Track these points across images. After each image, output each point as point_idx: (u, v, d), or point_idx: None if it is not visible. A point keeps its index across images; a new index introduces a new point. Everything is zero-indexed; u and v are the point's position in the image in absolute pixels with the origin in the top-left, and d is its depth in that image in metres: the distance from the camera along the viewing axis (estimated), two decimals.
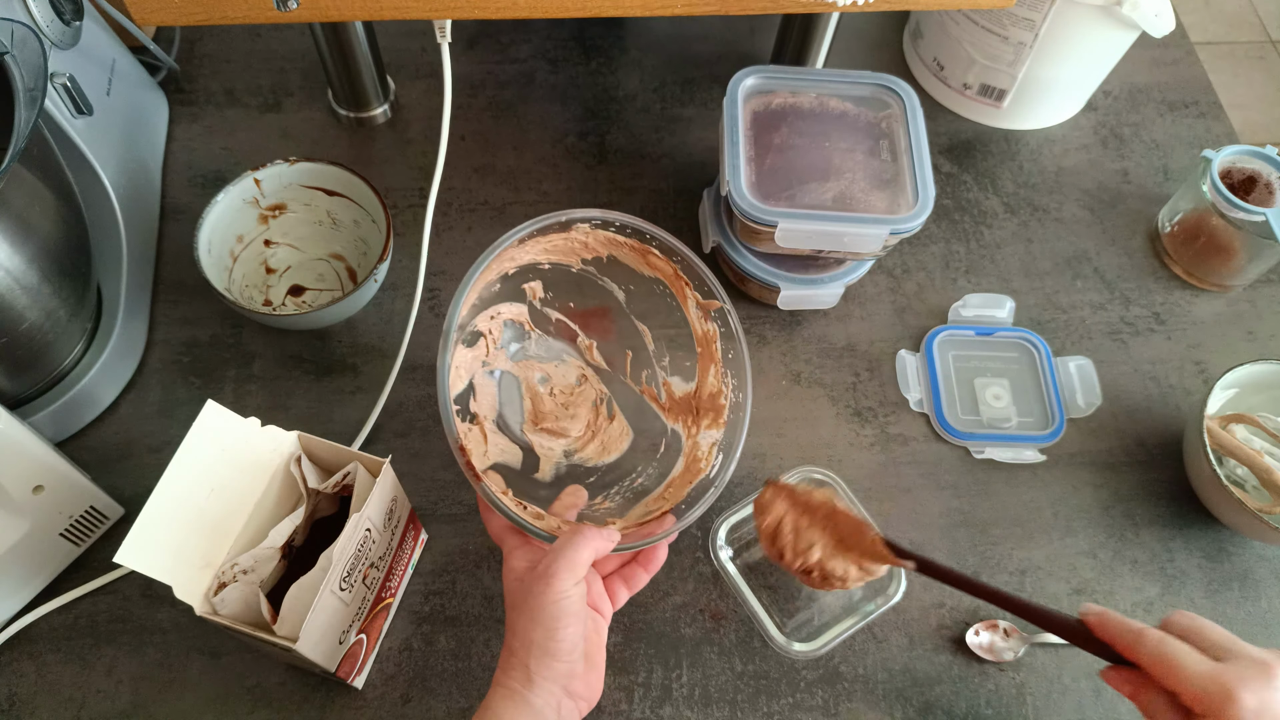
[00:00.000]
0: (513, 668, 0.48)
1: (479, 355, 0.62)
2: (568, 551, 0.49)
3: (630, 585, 0.56)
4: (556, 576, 0.48)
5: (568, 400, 0.66)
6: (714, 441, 0.60)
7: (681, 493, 0.58)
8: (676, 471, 0.61)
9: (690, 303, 0.61)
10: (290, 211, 0.77)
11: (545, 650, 0.47)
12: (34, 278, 0.61)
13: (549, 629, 0.47)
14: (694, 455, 0.61)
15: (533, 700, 0.47)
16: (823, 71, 0.76)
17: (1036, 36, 0.82)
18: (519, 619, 0.49)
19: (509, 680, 0.48)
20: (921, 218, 0.68)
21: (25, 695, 0.61)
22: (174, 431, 0.66)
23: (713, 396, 0.61)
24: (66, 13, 0.69)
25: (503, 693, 0.48)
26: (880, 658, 0.65)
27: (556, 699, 0.48)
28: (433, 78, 0.90)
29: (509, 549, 0.52)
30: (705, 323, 0.61)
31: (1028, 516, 0.71)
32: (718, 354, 0.61)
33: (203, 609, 0.51)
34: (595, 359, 0.66)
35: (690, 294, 0.61)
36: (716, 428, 0.60)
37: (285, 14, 0.64)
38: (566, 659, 0.48)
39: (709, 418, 0.61)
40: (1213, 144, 0.92)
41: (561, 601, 0.47)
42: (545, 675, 0.47)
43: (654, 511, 0.58)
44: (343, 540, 0.52)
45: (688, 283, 0.61)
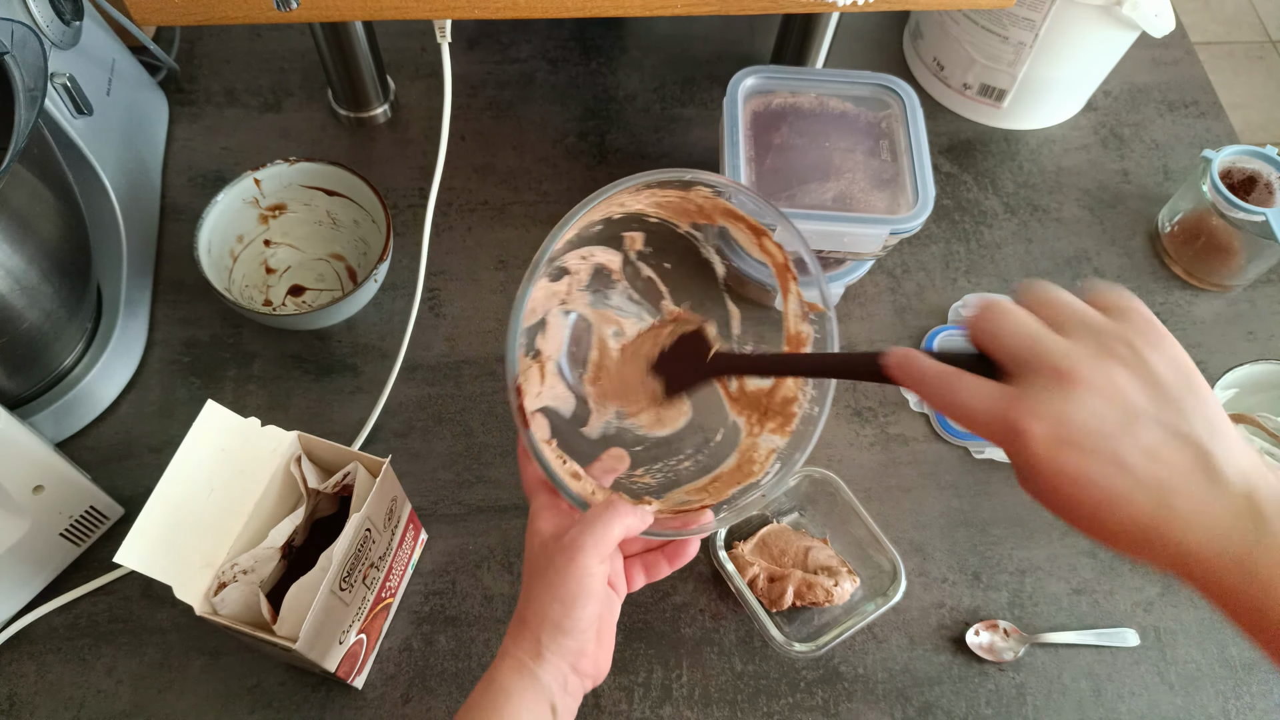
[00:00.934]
0: (523, 638, 0.47)
1: (559, 292, 0.59)
2: (597, 526, 0.46)
3: (650, 574, 0.53)
4: (582, 551, 0.45)
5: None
6: (774, 448, 0.56)
7: (725, 491, 0.56)
8: (726, 467, 0.58)
9: (793, 298, 0.57)
10: (290, 211, 0.77)
11: (559, 627, 0.46)
12: (34, 278, 0.61)
13: (566, 605, 0.46)
14: (749, 455, 0.57)
15: (540, 675, 0.46)
16: (823, 71, 0.76)
17: (1036, 36, 0.82)
18: (536, 587, 0.47)
19: (518, 651, 0.47)
20: (921, 218, 0.68)
21: (25, 695, 0.61)
22: (174, 431, 0.66)
23: (786, 401, 0.57)
24: (66, 13, 0.69)
25: (511, 664, 0.46)
26: (880, 658, 0.65)
27: (564, 675, 0.47)
28: (433, 78, 0.90)
29: (537, 507, 0.50)
30: (802, 323, 0.57)
31: (1028, 516, 0.71)
32: None
33: (203, 609, 0.51)
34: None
35: (795, 289, 0.56)
36: (781, 434, 0.56)
37: (285, 14, 0.64)
38: (580, 637, 0.46)
39: (776, 421, 0.57)
40: (1213, 144, 0.92)
41: (584, 579, 0.45)
42: (555, 651, 0.46)
43: (693, 502, 0.55)
44: (343, 540, 0.52)
45: (794, 277, 0.56)
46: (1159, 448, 0.36)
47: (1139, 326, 0.37)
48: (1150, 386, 0.36)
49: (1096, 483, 0.36)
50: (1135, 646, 0.66)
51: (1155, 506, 0.35)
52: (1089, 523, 0.38)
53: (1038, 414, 0.36)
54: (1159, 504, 0.35)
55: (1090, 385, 0.36)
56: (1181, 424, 0.36)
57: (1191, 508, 0.35)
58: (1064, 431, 0.36)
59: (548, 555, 0.47)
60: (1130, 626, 0.67)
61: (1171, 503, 0.35)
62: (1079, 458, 0.36)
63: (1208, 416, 0.36)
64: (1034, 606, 0.68)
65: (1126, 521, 0.36)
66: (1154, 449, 0.36)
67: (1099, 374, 0.36)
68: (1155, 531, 0.35)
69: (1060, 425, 0.36)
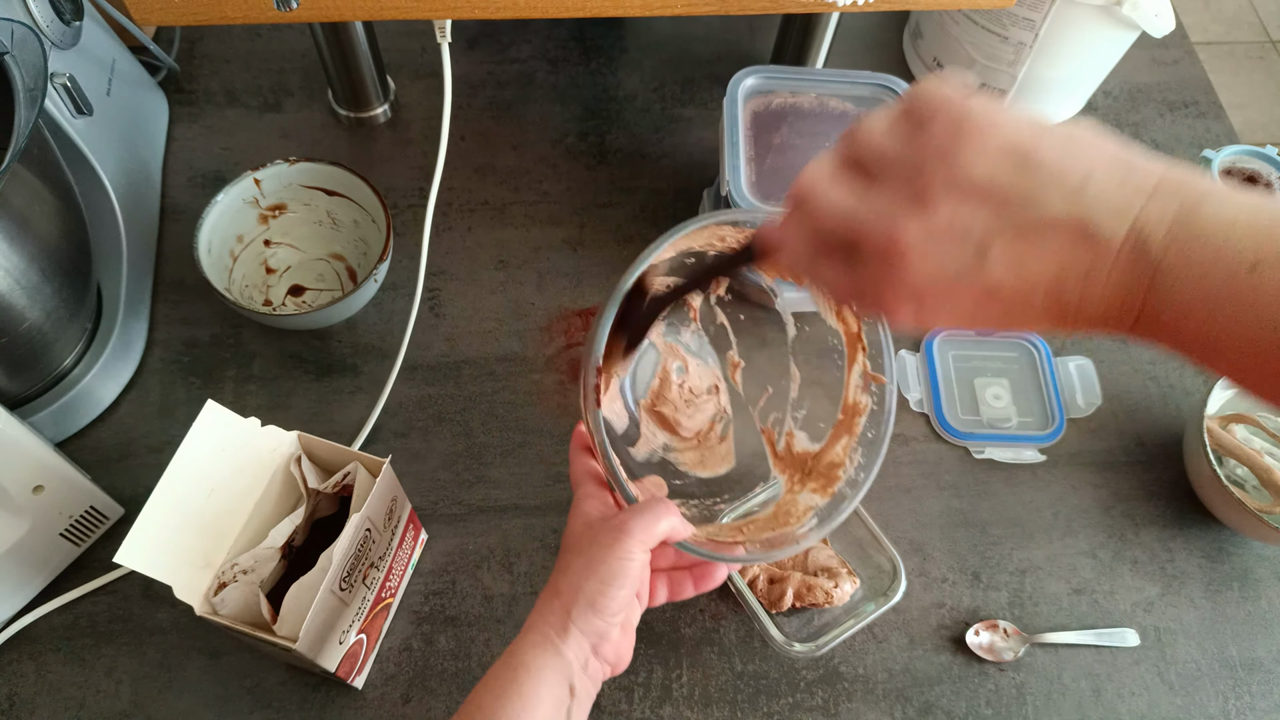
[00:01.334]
0: (552, 611, 0.47)
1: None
2: (648, 515, 0.46)
3: (674, 592, 0.53)
4: (630, 535, 0.46)
5: (691, 400, 0.63)
6: (812, 506, 0.57)
7: (759, 535, 0.56)
8: (763, 515, 0.59)
9: (856, 368, 0.57)
10: (290, 211, 0.77)
11: (592, 603, 0.46)
12: (34, 277, 0.61)
13: (604, 582, 0.46)
14: (786, 510, 0.58)
15: (564, 650, 0.46)
16: (823, 71, 0.76)
17: (1036, 36, 0.82)
18: (575, 562, 0.47)
19: (544, 624, 0.47)
20: None
21: (25, 695, 0.61)
22: (174, 431, 0.66)
23: (831, 466, 0.58)
24: (66, 13, 0.69)
25: (535, 639, 0.46)
26: (880, 658, 0.65)
27: (585, 654, 0.47)
28: (433, 78, 0.90)
29: (584, 493, 0.50)
30: (861, 393, 0.57)
31: (1028, 516, 0.71)
32: (858, 429, 0.57)
33: (203, 609, 0.51)
34: (735, 379, 0.64)
35: (862, 360, 0.56)
36: (821, 494, 0.57)
37: (285, 14, 0.64)
38: (609, 619, 0.47)
39: (817, 483, 0.58)
40: (1213, 144, 0.92)
41: (625, 561, 0.46)
42: (582, 628, 0.46)
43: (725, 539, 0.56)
44: (343, 540, 0.52)
45: (864, 348, 0.56)
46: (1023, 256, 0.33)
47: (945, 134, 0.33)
48: (979, 200, 0.33)
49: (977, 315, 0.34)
50: (1135, 646, 0.66)
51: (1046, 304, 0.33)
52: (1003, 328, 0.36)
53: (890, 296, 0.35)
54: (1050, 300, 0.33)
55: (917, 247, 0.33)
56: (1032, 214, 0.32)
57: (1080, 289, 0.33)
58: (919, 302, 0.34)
59: (592, 534, 0.47)
60: (1130, 626, 0.67)
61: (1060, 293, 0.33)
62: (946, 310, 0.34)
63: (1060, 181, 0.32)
64: (1034, 606, 0.68)
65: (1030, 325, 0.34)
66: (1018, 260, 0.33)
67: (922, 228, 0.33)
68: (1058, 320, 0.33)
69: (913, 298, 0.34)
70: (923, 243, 0.33)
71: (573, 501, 0.51)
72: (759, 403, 0.63)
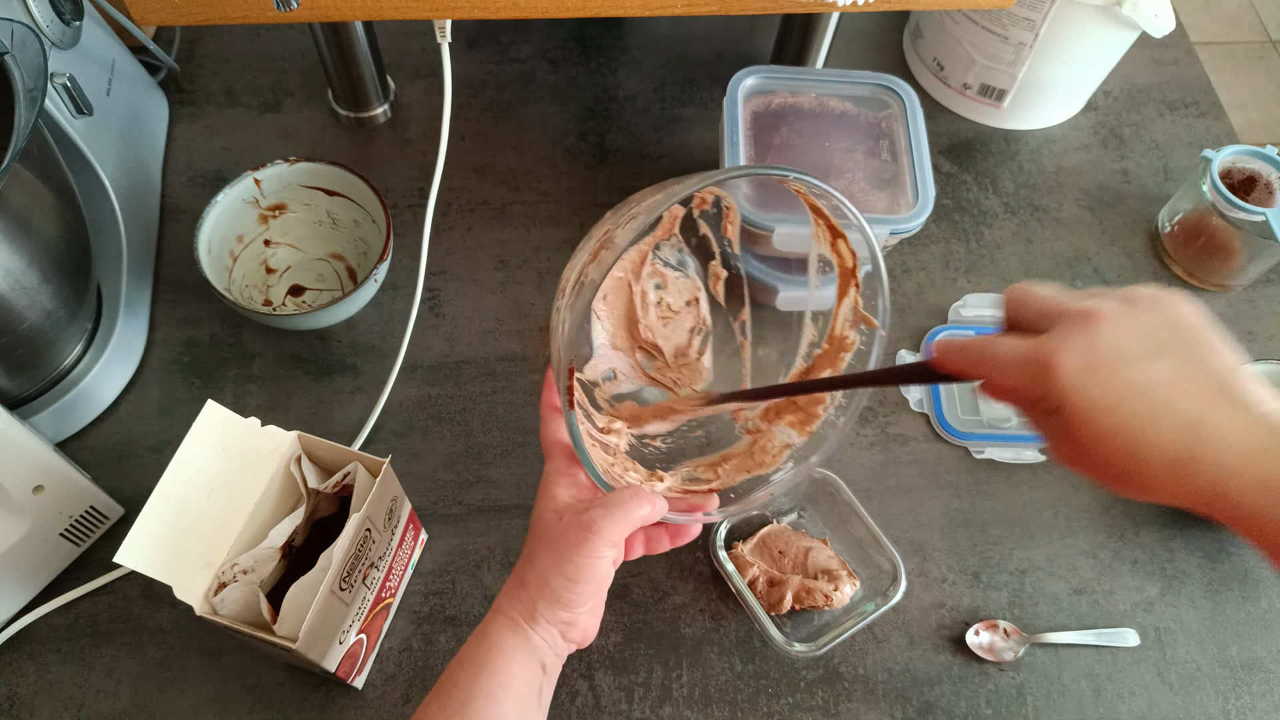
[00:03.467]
0: (519, 600, 0.47)
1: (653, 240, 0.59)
2: (617, 513, 0.46)
3: (650, 546, 0.53)
4: (598, 535, 0.45)
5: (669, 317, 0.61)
6: (789, 443, 0.56)
7: (735, 478, 0.55)
8: (738, 447, 0.57)
9: (847, 302, 0.56)
10: (290, 211, 0.77)
11: (557, 598, 0.46)
12: (34, 278, 0.61)
13: (570, 580, 0.46)
14: (762, 445, 0.57)
15: (531, 637, 0.47)
16: (823, 71, 0.76)
17: (1036, 36, 0.82)
18: (543, 554, 0.47)
19: (512, 611, 0.47)
20: (921, 218, 0.68)
21: (25, 695, 0.61)
22: (174, 431, 0.66)
23: (811, 400, 0.56)
24: (66, 13, 0.69)
25: (504, 621, 0.47)
26: (880, 658, 0.65)
27: (553, 639, 0.47)
28: (433, 78, 0.90)
29: (553, 469, 0.50)
30: (849, 329, 0.56)
31: (1028, 516, 0.71)
32: (842, 364, 0.56)
33: (203, 609, 0.51)
34: (717, 290, 0.62)
35: (854, 296, 0.55)
36: (799, 432, 0.56)
37: (285, 14, 0.64)
38: (576, 610, 0.47)
39: (794, 416, 0.56)
40: (1213, 144, 0.92)
41: (592, 560, 0.46)
42: (549, 619, 0.47)
43: (701, 481, 0.55)
44: (343, 540, 0.52)
45: (857, 286, 0.55)
46: (1181, 378, 0.36)
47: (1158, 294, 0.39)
48: (1169, 328, 0.37)
49: (1124, 410, 0.37)
50: (1135, 646, 0.66)
51: (1184, 433, 0.36)
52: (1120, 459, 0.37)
53: (1066, 348, 0.37)
54: (1188, 430, 0.36)
55: (1113, 321, 0.37)
56: (1202, 358, 0.37)
57: (1219, 432, 0.35)
58: (1090, 360, 0.37)
59: (561, 526, 0.47)
60: (1130, 626, 0.67)
61: (1200, 429, 0.36)
62: (1106, 383, 0.37)
63: (1226, 357, 0.37)
64: (1034, 606, 0.68)
65: (1156, 452, 0.36)
66: (1177, 379, 0.36)
67: (1121, 313, 0.38)
68: (1186, 461, 0.36)
69: (1086, 355, 0.37)
70: (1115, 320, 0.37)
71: (543, 477, 0.50)
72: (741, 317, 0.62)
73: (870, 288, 0.54)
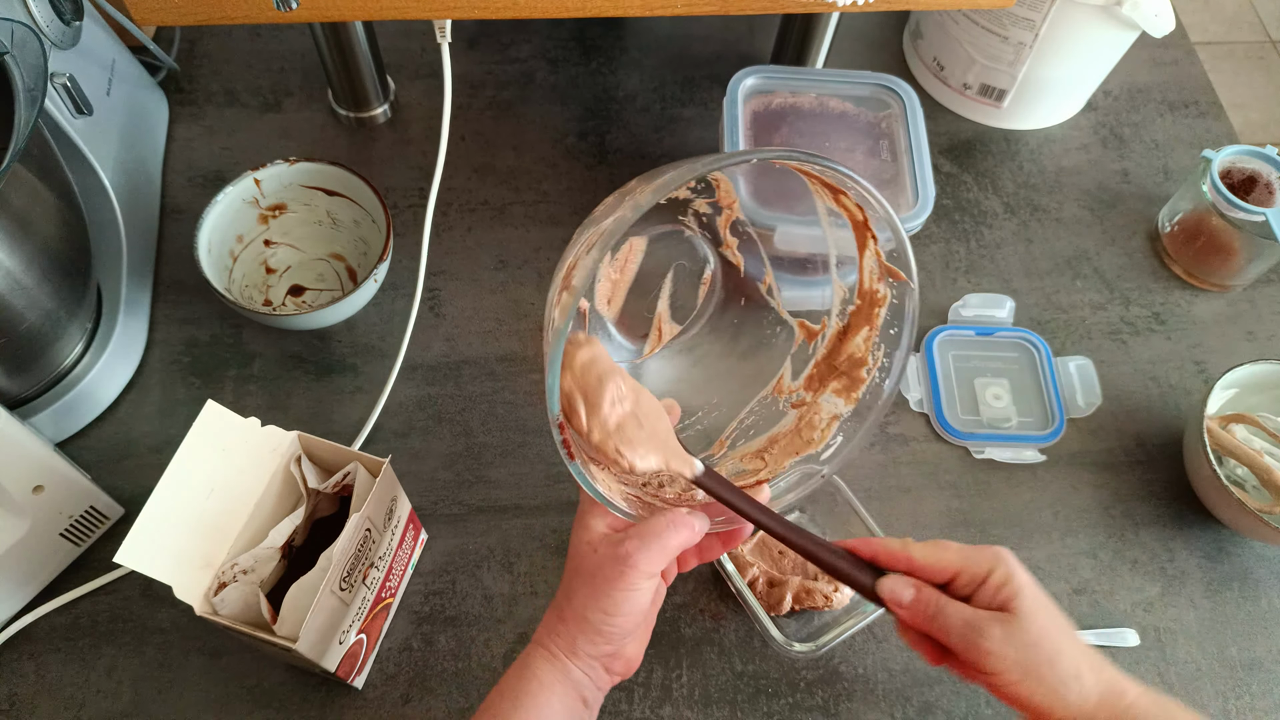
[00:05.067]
0: (559, 634, 0.46)
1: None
2: (654, 543, 0.44)
3: (703, 556, 0.51)
4: (635, 569, 0.44)
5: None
6: (836, 414, 0.53)
7: (783, 462, 0.53)
8: (784, 428, 0.55)
9: (869, 255, 0.52)
10: (290, 211, 0.77)
11: (598, 631, 0.45)
12: (34, 277, 0.61)
13: (608, 613, 0.45)
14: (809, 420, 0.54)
15: (573, 671, 0.46)
16: (823, 71, 0.76)
17: (1036, 36, 0.82)
18: (580, 589, 0.46)
19: (552, 644, 0.46)
20: (921, 218, 0.68)
21: (25, 695, 0.61)
22: (174, 431, 0.66)
23: (853, 362, 0.53)
24: (66, 13, 0.69)
25: (544, 655, 0.46)
26: (880, 658, 0.65)
27: (595, 673, 0.47)
28: (433, 78, 0.90)
29: (586, 500, 0.48)
30: (878, 282, 0.53)
31: (1028, 516, 0.71)
32: (878, 320, 0.52)
33: (203, 609, 0.51)
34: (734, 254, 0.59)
35: (873, 248, 0.52)
36: (846, 400, 0.53)
37: (285, 14, 0.64)
38: (617, 642, 0.46)
39: (841, 384, 0.53)
40: (1213, 144, 0.92)
41: (631, 593, 0.45)
42: (590, 652, 0.46)
43: (748, 472, 0.53)
44: (343, 540, 0.52)
45: (874, 237, 0.52)
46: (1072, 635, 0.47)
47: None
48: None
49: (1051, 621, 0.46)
50: (1135, 646, 0.66)
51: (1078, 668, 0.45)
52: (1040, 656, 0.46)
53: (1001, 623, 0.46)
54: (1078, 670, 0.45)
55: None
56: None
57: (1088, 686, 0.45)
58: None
59: (598, 559, 0.46)
60: (1130, 626, 0.67)
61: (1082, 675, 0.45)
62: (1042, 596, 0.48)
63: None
64: None
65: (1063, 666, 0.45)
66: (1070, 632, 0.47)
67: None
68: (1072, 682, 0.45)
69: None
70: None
71: (577, 510, 0.49)
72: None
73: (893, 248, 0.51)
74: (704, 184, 0.56)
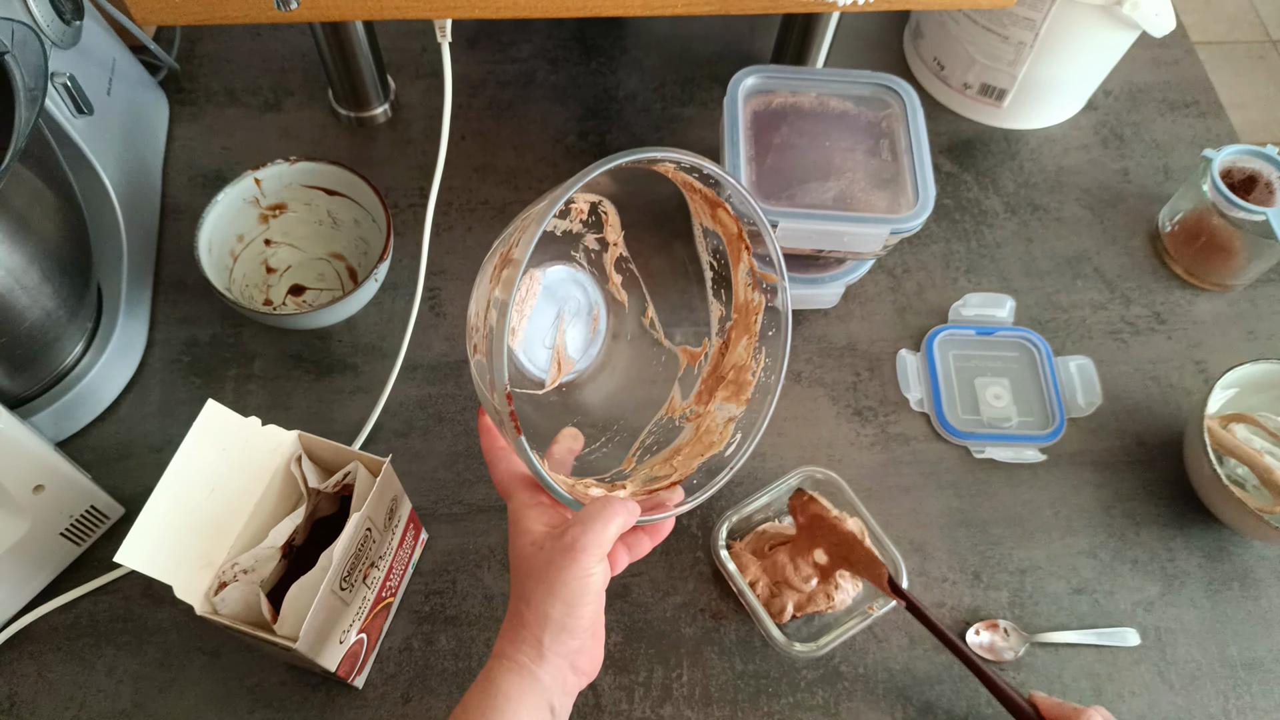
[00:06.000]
0: (523, 641, 0.46)
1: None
2: (596, 525, 0.46)
3: (633, 552, 0.52)
4: (585, 552, 0.45)
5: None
6: (731, 417, 0.56)
7: (691, 465, 0.55)
8: (684, 438, 0.58)
9: (743, 267, 0.56)
10: (290, 211, 0.77)
11: (563, 627, 0.46)
12: (34, 277, 0.61)
13: (569, 605, 0.45)
14: (706, 426, 0.57)
15: (541, 676, 0.46)
16: (823, 71, 0.76)
17: (1037, 36, 0.82)
18: (536, 590, 0.46)
19: (517, 654, 0.46)
20: (922, 217, 0.68)
21: (25, 695, 0.61)
22: (174, 431, 0.66)
23: (738, 369, 0.57)
24: (67, 12, 0.69)
25: (508, 666, 0.46)
26: (880, 658, 0.65)
27: (564, 675, 0.47)
28: (433, 78, 0.90)
29: (518, 505, 0.49)
30: (752, 291, 0.56)
31: (1028, 516, 0.71)
32: (756, 327, 0.56)
33: (203, 609, 0.51)
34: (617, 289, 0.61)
35: (747, 259, 0.56)
36: (737, 404, 0.56)
37: (285, 14, 0.64)
38: (581, 635, 0.46)
39: (729, 390, 0.57)
40: (1213, 144, 0.92)
41: (586, 579, 0.45)
42: (558, 651, 0.46)
43: (661, 478, 0.55)
44: (343, 540, 0.52)
45: (748, 247, 0.55)
46: None
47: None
48: None
49: None
50: (1135, 646, 0.66)
51: None
52: None
53: None
54: None
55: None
56: None
57: None
58: None
59: (545, 556, 0.47)
60: (1130, 626, 0.67)
61: None
62: None
63: None
64: (1034, 606, 0.68)
65: None
66: None
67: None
68: None
69: None
70: None
71: (509, 517, 0.50)
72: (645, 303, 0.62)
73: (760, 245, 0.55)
74: (594, 217, 0.59)
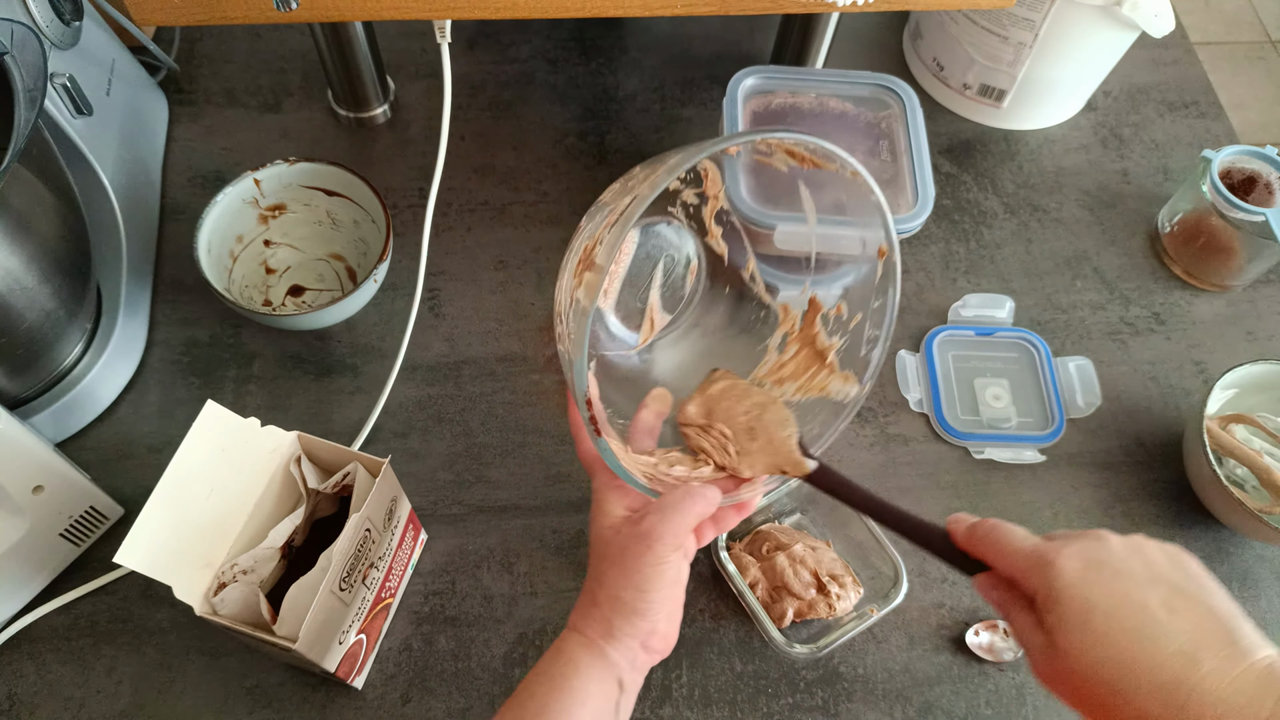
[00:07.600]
0: (594, 619, 0.47)
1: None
2: (674, 516, 0.46)
3: (720, 526, 0.52)
4: (660, 541, 0.45)
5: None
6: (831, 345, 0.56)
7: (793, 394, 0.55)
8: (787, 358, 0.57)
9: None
10: (290, 212, 0.77)
11: (634, 610, 0.46)
12: (34, 278, 0.61)
13: (641, 590, 0.45)
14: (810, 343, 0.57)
15: (609, 653, 0.46)
16: (823, 71, 0.76)
17: (1036, 36, 0.82)
18: (609, 571, 0.46)
19: (587, 629, 0.47)
20: (921, 218, 0.68)
21: (25, 695, 0.61)
22: (174, 431, 0.66)
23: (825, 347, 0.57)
24: (66, 13, 0.69)
25: (580, 640, 0.46)
26: (880, 658, 0.65)
27: (634, 653, 0.47)
28: (433, 78, 0.90)
29: (600, 484, 0.50)
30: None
31: (1028, 516, 0.71)
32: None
33: (203, 609, 0.51)
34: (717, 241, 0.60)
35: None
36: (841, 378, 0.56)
37: (285, 14, 0.64)
38: (653, 618, 0.46)
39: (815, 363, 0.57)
40: (1213, 144, 0.92)
41: (661, 566, 0.45)
42: (627, 632, 0.46)
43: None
44: (342, 540, 0.52)
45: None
46: (1181, 606, 0.38)
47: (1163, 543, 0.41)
48: (1171, 560, 0.40)
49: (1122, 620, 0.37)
50: None
51: (1183, 660, 0.36)
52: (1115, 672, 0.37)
53: (1069, 553, 0.40)
54: (1187, 658, 0.36)
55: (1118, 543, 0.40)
56: (1203, 594, 0.38)
57: (1218, 668, 0.35)
58: (1092, 570, 0.39)
59: (621, 541, 0.47)
60: None
61: (1199, 659, 0.36)
62: (1105, 590, 0.38)
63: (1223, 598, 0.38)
64: None
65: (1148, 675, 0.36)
66: (1176, 605, 0.37)
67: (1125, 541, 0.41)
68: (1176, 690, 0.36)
69: (1088, 562, 0.39)
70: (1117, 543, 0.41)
71: (593, 495, 0.50)
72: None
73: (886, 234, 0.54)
74: (693, 173, 0.57)
